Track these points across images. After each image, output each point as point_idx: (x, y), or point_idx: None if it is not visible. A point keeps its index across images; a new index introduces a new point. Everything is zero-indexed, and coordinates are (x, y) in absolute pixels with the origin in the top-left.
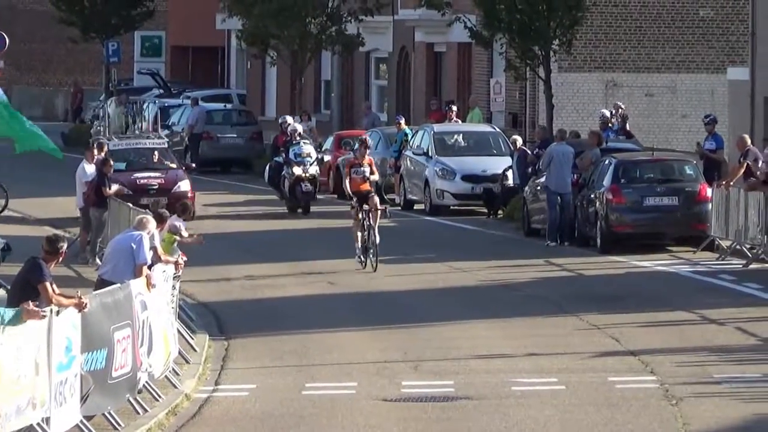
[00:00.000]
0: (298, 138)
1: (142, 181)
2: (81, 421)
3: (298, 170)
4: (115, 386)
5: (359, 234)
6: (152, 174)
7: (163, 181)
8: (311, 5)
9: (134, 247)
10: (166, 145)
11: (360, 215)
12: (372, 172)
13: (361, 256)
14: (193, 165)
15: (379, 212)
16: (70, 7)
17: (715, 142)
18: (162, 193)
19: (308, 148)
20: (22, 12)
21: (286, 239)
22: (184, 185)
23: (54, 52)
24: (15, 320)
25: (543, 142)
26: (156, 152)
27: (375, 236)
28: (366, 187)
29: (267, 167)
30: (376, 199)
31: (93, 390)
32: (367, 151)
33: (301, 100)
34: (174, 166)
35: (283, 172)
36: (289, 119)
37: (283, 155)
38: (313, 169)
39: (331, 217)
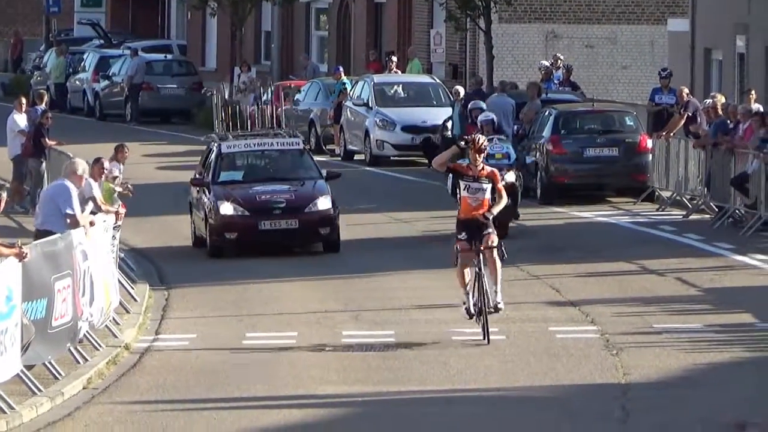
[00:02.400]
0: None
1: (263, 197)
2: (21, 371)
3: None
4: (56, 336)
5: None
6: (278, 187)
7: (293, 197)
8: None
9: (58, 197)
10: (301, 146)
11: (471, 256)
12: (499, 195)
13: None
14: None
15: (495, 256)
16: None
17: (673, 95)
18: (291, 214)
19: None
20: None
21: None
22: (323, 202)
23: None
24: None
25: (475, 92)
26: (289, 156)
27: (495, 295)
28: (480, 214)
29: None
30: (494, 237)
31: (33, 339)
32: (481, 158)
33: (242, 50)
34: (313, 174)
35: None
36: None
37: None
38: (510, 177)
39: None
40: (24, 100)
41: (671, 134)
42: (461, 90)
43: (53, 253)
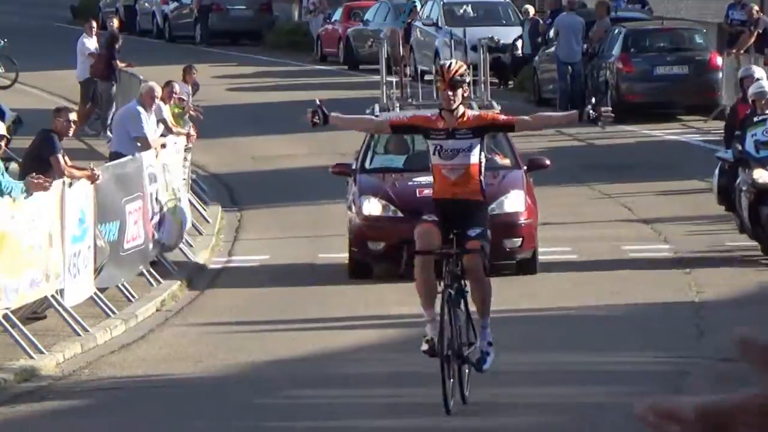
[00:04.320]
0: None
1: (426, 191)
2: (95, 293)
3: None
4: (128, 258)
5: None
6: None
7: None
8: None
9: (128, 121)
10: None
11: (438, 266)
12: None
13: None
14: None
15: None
16: None
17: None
18: None
19: None
20: None
21: (298, 110)
22: (514, 200)
23: None
24: (26, 193)
25: (554, 12)
26: None
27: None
28: (461, 191)
29: (717, 169)
30: (475, 260)
31: (107, 262)
32: (463, 92)
33: None
34: (507, 161)
35: (738, 181)
36: None
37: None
38: None
39: (346, 88)
40: (94, 23)
41: (741, 52)
42: (531, 9)
43: (124, 175)
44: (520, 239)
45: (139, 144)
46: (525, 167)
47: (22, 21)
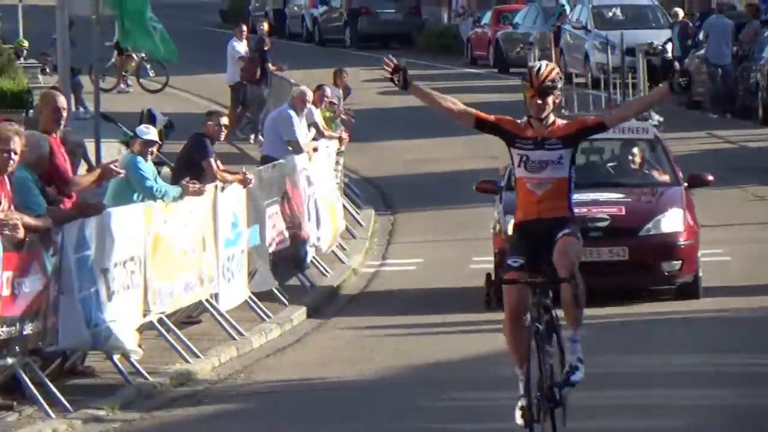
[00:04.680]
0: None
1: (580, 210)
2: (249, 297)
3: None
4: (282, 261)
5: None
6: (604, 195)
7: (624, 212)
8: None
9: (280, 124)
10: (653, 133)
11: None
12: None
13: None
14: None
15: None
16: None
17: None
18: (617, 239)
19: None
20: None
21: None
22: (673, 219)
23: None
24: (179, 197)
25: (703, 15)
26: (636, 150)
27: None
28: (547, 208)
29: None
30: (571, 241)
31: (260, 266)
32: (554, 100)
33: None
34: (665, 178)
35: None
36: None
37: None
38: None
39: (495, 91)
40: (244, 27)
41: None
42: (680, 12)
43: (270, 178)
44: (680, 262)
45: (290, 147)
46: (685, 183)
47: (171, 25)
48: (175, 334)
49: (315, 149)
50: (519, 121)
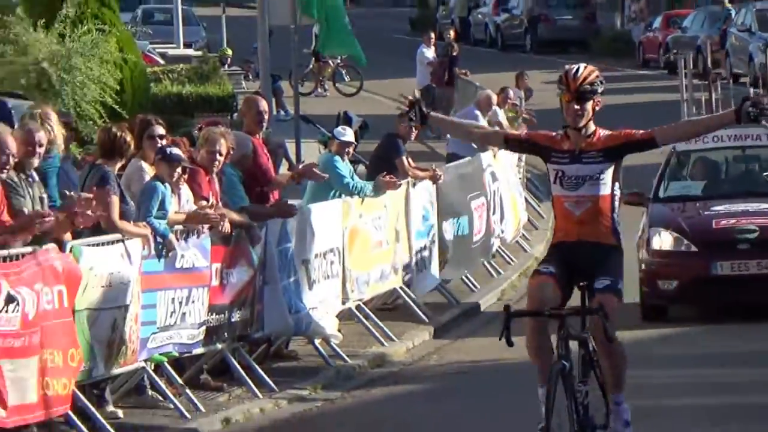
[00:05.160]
0: None
1: (723, 222)
2: (440, 285)
3: None
4: (473, 251)
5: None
6: (754, 206)
7: None
8: None
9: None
10: None
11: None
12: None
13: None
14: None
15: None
16: None
17: None
18: (766, 250)
19: None
20: None
21: (621, 114)
22: None
23: None
24: (375, 192)
25: None
26: None
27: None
28: (588, 231)
29: None
30: (610, 302)
31: (452, 255)
32: (594, 105)
33: None
34: None
35: None
36: None
37: None
38: None
39: (665, 92)
40: (432, 34)
41: None
42: None
43: (466, 175)
44: None
45: (475, 146)
46: None
47: (363, 34)
48: (372, 320)
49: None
50: (555, 133)
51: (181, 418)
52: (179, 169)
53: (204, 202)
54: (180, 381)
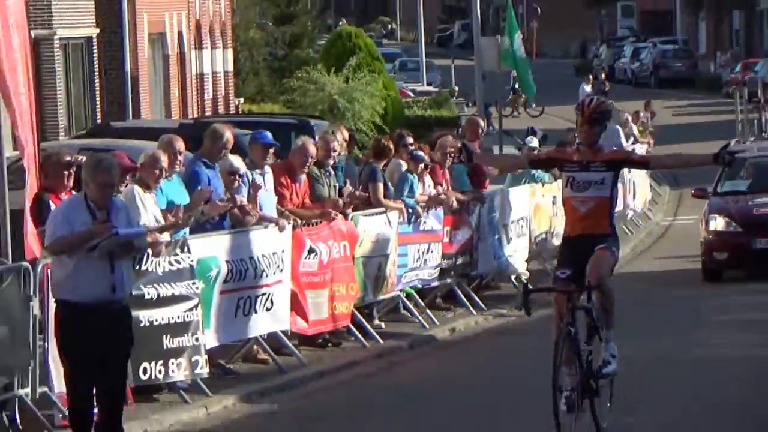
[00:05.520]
0: None
1: (762, 210)
2: None
3: None
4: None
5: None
6: None
7: None
8: None
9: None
10: None
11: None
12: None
13: (553, 386)
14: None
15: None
16: None
17: None
18: None
19: None
20: None
21: None
22: None
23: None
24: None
25: None
26: None
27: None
28: (590, 224)
29: None
30: (605, 255)
31: None
32: (601, 130)
33: None
34: None
35: None
36: None
37: None
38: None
39: None
40: (590, 76)
41: None
42: None
43: None
44: None
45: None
46: None
47: (546, 76)
48: (547, 263)
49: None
50: (569, 148)
51: (422, 328)
52: (422, 165)
53: (440, 188)
54: (422, 303)
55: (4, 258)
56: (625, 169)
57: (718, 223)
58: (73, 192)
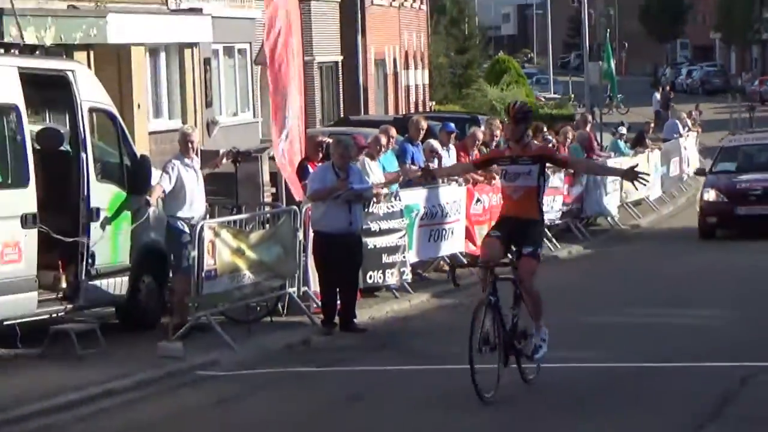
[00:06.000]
0: None
1: (742, 185)
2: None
3: None
4: (671, 180)
5: (482, 317)
6: (759, 176)
7: None
8: None
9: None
10: None
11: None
12: (564, 163)
13: (469, 347)
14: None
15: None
16: None
17: None
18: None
19: None
20: None
21: None
22: None
23: None
24: (631, 155)
25: None
26: None
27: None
28: (521, 209)
29: None
30: (530, 265)
31: (665, 186)
32: (526, 127)
33: None
34: None
35: None
36: None
37: None
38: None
39: None
40: (660, 88)
41: None
42: None
43: (672, 148)
44: None
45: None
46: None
47: (631, 87)
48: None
49: None
50: (503, 147)
51: (549, 250)
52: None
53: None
54: (549, 234)
55: (281, 203)
56: (684, 144)
57: (710, 195)
58: (324, 161)
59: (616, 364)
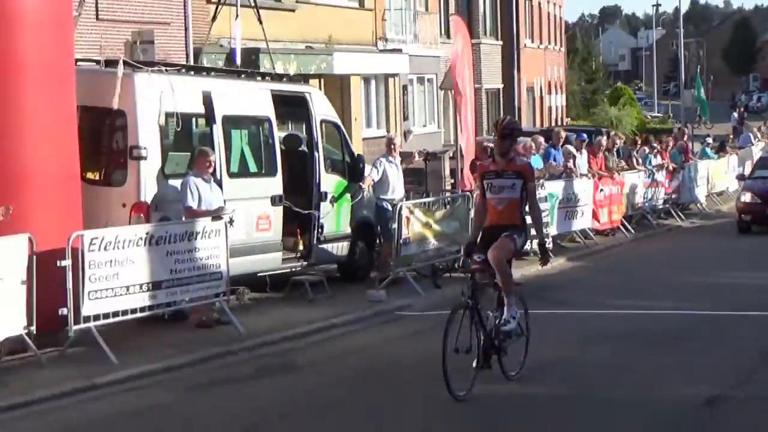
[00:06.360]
0: None
1: None
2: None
3: None
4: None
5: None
6: None
7: None
8: None
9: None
10: None
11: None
12: (529, 196)
13: (443, 348)
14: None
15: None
16: None
17: None
18: None
19: None
20: None
21: None
22: None
23: None
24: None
25: None
26: None
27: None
28: (504, 218)
29: None
30: (505, 242)
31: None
32: (512, 143)
33: None
34: None
35: None
36: None
37: None
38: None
39: None
40: (737, 109)
41: None
42: None
43: (745, 153)
44: None
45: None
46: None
47: (718, 111)
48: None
49: None
50: (488, 163)
51: (653, 228)
52: (647, 148)
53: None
54: (649, 219)
55: (457, 191)
56: (755, 151)
57: (747, 197)
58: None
59: (702, 312)
